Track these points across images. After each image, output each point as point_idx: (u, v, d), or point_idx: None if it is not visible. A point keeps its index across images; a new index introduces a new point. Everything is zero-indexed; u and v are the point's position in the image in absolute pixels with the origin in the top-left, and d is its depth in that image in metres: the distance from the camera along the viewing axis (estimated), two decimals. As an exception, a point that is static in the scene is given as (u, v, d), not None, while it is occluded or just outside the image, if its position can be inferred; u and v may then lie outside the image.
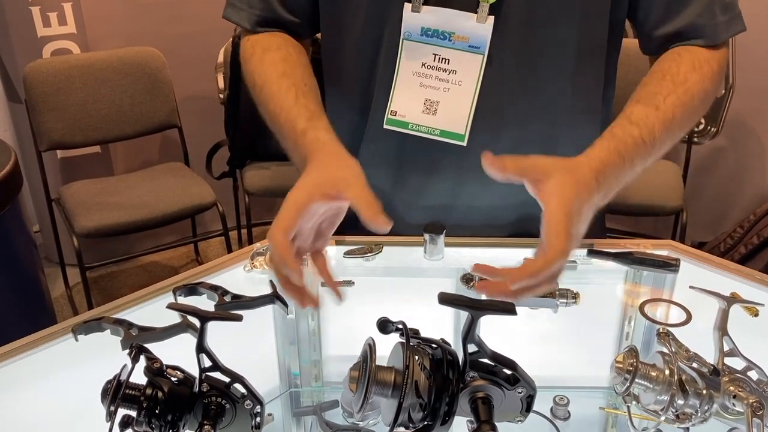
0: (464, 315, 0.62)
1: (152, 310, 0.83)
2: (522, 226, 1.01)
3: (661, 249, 0.95)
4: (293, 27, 1.01)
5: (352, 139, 1.04)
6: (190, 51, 2.75)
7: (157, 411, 0.60)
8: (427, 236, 0.94)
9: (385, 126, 0.95)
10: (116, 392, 0.60)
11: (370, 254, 0.96)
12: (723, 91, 2.70)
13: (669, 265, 0.88)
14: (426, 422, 0.60)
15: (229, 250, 2.70)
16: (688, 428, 0.66)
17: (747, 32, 0.93)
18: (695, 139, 2.74)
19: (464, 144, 0.93)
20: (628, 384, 0.64)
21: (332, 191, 0.72)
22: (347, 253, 0.95)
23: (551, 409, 0.77)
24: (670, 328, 0.73)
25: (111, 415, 0.59)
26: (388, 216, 0.70)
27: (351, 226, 0.78)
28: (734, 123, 2.75)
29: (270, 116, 0.92)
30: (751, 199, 2.80)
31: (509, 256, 0.94)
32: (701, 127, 2.80)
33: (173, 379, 0.62)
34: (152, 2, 2.82)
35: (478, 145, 0.94)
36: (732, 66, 2.61)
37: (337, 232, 0.81)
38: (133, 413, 0.60)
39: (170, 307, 0.65)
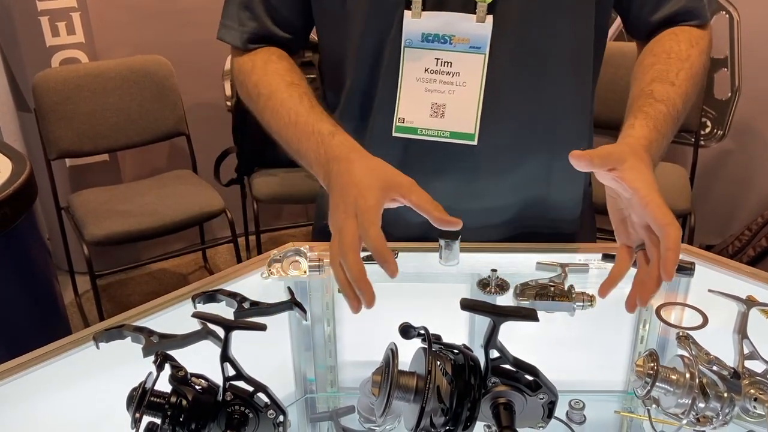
0: (480, 320, 0.62)
1: (170, 318, 0.83)
2: (523, 223, 1.04)
3: (675, 252, 0.95)
4: (285, 43, 1.02)
5: None
6: (198, 59, 2.76)
7: (181, 419, 0.61)
8: (442, 242, 0.94)
9: (394, 134, 0.96)
10: (141, 399, 0.60)
11: (385, 260, 0.96)
12: (729, 94, 2.70)
13: (684, 269, 0.88)
14: (448, 427, 0.61)
15: (238, 257, 2.71)
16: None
17: (754, 36, 0.96)
18: (702, 142, 2.74)
19: (475, 143, 0.94)
20: (648, 387, 0.65)
21: (397, 195, 0.74)
22: (363, 259, 0.96)
23: (567, 413, 0.78)
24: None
25: (136, 422, 0.60)
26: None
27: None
28: (741, 126, 2.75)
29: (281, 123, 0.92)
30: (759, 202, 2.79)
31: (524, 261, 0.94)
32: (708, 129, 2.80)
33: (197, 387, 0.63)
34: (160, 11, 2.83)
35: (487, 143, 0.95)
36: (738, 69, 2.61)
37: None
38: (158, 420, 0.61)
39: (195, 316, 0.65)
